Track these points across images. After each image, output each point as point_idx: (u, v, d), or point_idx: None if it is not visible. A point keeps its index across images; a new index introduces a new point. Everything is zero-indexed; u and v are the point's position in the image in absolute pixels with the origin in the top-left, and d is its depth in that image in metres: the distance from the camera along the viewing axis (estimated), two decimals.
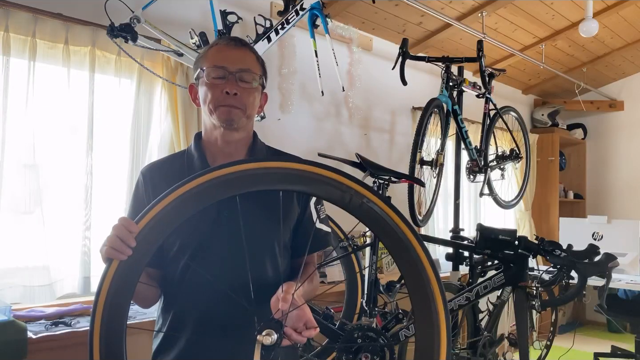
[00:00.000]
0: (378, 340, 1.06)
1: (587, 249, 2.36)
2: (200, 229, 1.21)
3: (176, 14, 2.87)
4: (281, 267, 1.28)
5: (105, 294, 0.97)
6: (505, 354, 2.93)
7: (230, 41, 1.30)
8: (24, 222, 2.34)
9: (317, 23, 2.59)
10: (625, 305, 4.22)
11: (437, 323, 0.95)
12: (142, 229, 0.99)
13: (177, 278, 1.24)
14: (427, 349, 0.95)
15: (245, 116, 1.27)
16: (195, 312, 1.21)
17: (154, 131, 2.76)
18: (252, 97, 1.28)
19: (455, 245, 2.97)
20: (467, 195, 4.85)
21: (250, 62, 1.29)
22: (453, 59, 3.04)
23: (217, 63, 1.26)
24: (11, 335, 1.80)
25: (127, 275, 0.98)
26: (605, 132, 6.15)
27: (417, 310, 0.96)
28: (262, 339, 0.94)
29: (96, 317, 0.97)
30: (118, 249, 1.00)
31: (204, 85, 1.27)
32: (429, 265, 0.97)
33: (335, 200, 1.01)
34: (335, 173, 1.01)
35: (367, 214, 0.99)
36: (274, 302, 1.06)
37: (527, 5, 4.03)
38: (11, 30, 2.26)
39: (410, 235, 0.98)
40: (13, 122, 2.31)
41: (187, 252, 1.22)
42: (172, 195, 0.99)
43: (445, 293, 0.96)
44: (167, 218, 0.99)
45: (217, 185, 1.00)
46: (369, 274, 2.17)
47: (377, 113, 4.12)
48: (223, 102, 1.24)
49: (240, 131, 1.29)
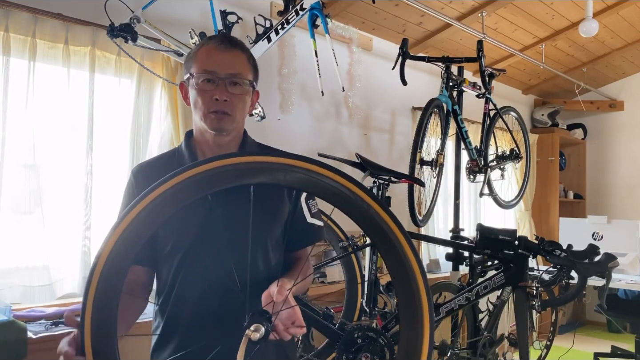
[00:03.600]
0: (378, 340, 1.06)
1: (587, 249, 2.36)
2: (192, 227, 1.22)
3: (176, 14, 2.87)
4: (272, 262, 1.29)
5: (95, 288, 0.95)
6: (505, 354, 2.93)
7: (220, 43, 1.26)
8: (24, 222, 2.35)
9: (317, 23, 2.58)
10: (625, 305, 4.22)
11: (420, 321, 0.94)
12: (128, 224, 0.97)
13: (171, 276, 1.24)
14: (410, 346, 0.94)
15: (235, 122, 1.27)
16: (189, 309, 1.22)
17: (154, 131, 2.76)
18: (242, 102, 1.27)
19: (455, 245, 2.97)
20: (467, 195, 4.85)
21: (240, 66, 1.26)
22: (453, 59, 3.04)
23: (207, 67, 1.23)
24: (11, 335, 1.80)
25: (116, 271, 0.96)
26: (605, 132, 6.15)
27: (401, 307, 0.95)
28: (251, 334, 0.94)
29: (86, 316, 0.96)
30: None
31: (194, 89, 1.25)
32: (414, 259, 0.95)
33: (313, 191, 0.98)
34: (311, 163, 0.97)
35: (337, 197, 0.96)
36: (266, 296, 1.07)
37: (527, 5, 4.03)
38: (11, 30, 2.26)
39: (391, 223, 0.96)
40: (13, 122, 2.31)
41: (181, 251, 1.23)
42: (157, 191, 0.97)
43: (430, 289, 0.95)
44: (152, 213, 0.97)
45: (200, 180, 0.97)
46: (369, 274, 2.17)
47: (377, 113, 4.12)
48: (213, 108, 1.23)
49: (231, 134, 1.29)
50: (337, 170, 0.97)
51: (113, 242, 0.96)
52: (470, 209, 4.99)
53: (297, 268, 1.30)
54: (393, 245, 0.95)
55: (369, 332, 1.07)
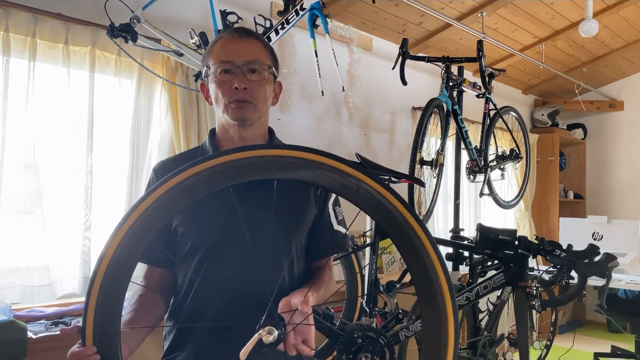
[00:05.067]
0: (378, 340, 1.06)
1: (587, 249, 2.36)
2: (214, 226, 1.18)
3: (176, 14, 2.87)
4: (296, 267, 1.25)
5: (99, 285, 0.93)
6: (505, 354, 2.92)
7: (234, 33, 1.24)
8: (24, 222, 2.34)
9: (317, 23, 2.58)
10: (625, 305, 4.22)
11: (444, 320, 0.93)
12: (137, 218, 0.94)
13: (189, 277, 1.20)
14: (434, 347, 0.93)
15: (258, 110, 1.22)
16: (208, 312, 1.18)
17: (154, 131, 2.76)
18: (264, 90, 1.23)
19: (455, 245, 2.97)
20: (467, 195, 4.85)
21: (257, 52, 1.23)
22: (453, 59, 3.04)
23: (223, 58, 1.20)
24: (11, 335, 1.79)
25: (123, 264, 0.93)
26: (605, 132, 6.15)
27: (423, 307, 0.94)
28: (264, 335, 0.92)
29: (88, 313, 0.93)
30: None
31: (213, 82, 1.23)
32: (436, 257, 0.95)
33: (335, 188, 0.97)
34: (333, 160, 0.97)
35: (364, 199, 0.95)
36: (285, 303, 1.03)
37: (527, 5, 4.03)
38: (11, 30, 2.26)
39: (413, 222, 0.95)
40: (13, 122, 2.31)
41: (200, 252, 1.19)
42: (168, 184, 0.95)
43: (453, 289, 0.95)
44: (162, 207, 0.94)
45: (218, 172, 0.95)
46: (369, 273, 2.17)
47: (377, 113, 4.12)
48: (233, 97, 1.19)
49: (255, 126, 1.25)
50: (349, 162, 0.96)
51: (123, 233, 0.94)
52: (470, 209, 4.99)
53: (320, 279, 1.25)
54: (414, 245, 0.94)
55: (369, 332, 1.06)
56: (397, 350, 2.31)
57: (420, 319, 1.99)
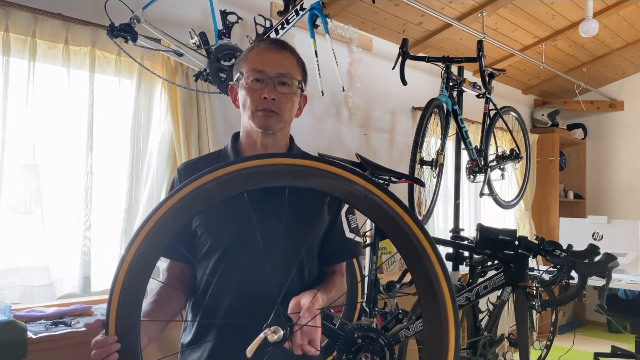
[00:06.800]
0: (378, 340, 1.06)
1: (587, 249, 2.36)
2: (231, 230, 1.24)
3: (176, 14, 2.87)
4: (306, 271, 1.29)
5: (122, 280, 1.00)
6: (505, 354, 2.92)
7: (271, 44, 1.31)
8: (24, 222, 2.34)
9: (317, 23, 2.59)
10: (625, 305, 4.23)
11: (445, 321, 0.95)
12: (159, 218, 1.01)
13: (207, 276, 1.26)
14: (435, 347, 0.95)
15: (282, 121, 1.28)
16: (223, 310, 1.23)
17: (154, 131, 2.76)
18: (291, 103, 1.29)
19: (455, 245, 2.97)
20: (467, 195, 4.85)
21: (290, 66, 1.29)
22: (453, 59, 3.04)
23: (257, 67, 1.26)
24: (11, 335, 1.79)
25: (144, 263, 1.00)
26: (605, 132, 6.15)
27: (424, 307, 0.96)
28: (269, 334, 0.95)
29: (112, 306, 1.00)
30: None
31: (243, 88, 1.28)
32: (436, 261, 0.98)
33: (344, 197, 1.01)
34: (342, 169, 1.01)
35: (370, 206, 0.99)
36: (295, 304, 1.06)
37: (527, 5, 4.03)
38: (11, 30, 2.26)
39: (415, 228, 0.98)
40: (13, 122, 2.31)
41: (218, 251, 1.25)
42: (188, 187, 1.01)
43: (454, 290, 0.96)
44: (183, 209, 1.01)
45: (235, 178, 1.01)
46: (369, 273, 2.17)
47: (377, 113, 4.12)
48: (261, 106, 1.25)
49: (277, 135, 1.30)
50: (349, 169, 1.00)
51: (146, 232, 1.00)
52: (470, 209, 4.99)
53: (331, 283, 1.30)
54: (414, 245, 0.98)
55: (369, 332, 1.07)
56: (397, 350, 2.31)
57: (420, 318, 1.99)
